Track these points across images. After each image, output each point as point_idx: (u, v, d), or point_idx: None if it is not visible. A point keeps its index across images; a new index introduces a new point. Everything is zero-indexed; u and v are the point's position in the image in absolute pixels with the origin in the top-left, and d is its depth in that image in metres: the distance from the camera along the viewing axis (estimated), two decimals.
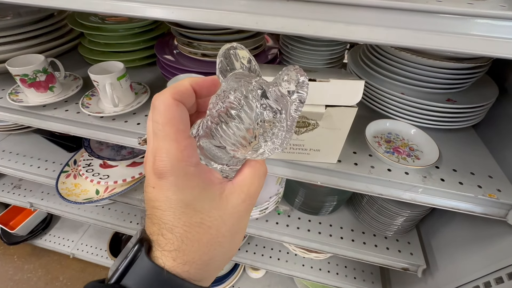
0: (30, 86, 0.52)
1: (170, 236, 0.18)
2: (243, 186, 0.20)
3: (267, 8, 0.28)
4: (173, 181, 0.17)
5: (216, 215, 0.19)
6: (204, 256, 0.18)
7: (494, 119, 0.52)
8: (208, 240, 0.18)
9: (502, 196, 0.41)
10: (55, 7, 0.33)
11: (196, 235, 0.18)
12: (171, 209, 0.18)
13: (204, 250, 0.18)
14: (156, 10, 0.31)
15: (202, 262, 0.18)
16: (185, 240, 0.18)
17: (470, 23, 0.25)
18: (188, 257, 0.18)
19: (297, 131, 0.40)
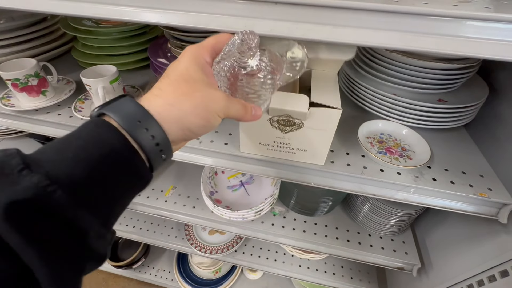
0: (22, 90, 0.52)
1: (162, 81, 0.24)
2: (224, 94, 0.25)
3: (256, 11, 0.28)
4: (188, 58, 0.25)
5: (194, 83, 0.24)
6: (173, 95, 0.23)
7: (485, 119, 0.52)
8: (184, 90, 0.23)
9: (493, 195, 0.41)
10: (47, 11, 0.33)
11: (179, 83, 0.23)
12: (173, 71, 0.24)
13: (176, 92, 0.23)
14: (146, 14, 0.31)
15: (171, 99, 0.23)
16: (168, 83, 0.23)
17: (456, 25, 0.26)
18: (165, 90, 0.23)
19: (283, 129, 0.40)
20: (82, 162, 0.18)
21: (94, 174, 0.18)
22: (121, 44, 0.66)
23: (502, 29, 0.25)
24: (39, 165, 0.17)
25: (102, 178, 0.19)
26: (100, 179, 0.19)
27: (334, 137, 0.50)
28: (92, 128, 0.20)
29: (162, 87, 0.23)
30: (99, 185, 0.19)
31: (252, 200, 0.70)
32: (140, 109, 0.21)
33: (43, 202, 0.16)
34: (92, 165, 0.18)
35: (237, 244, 0.89)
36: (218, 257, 0.86)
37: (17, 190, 0.15)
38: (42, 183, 0.16)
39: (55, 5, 0.32)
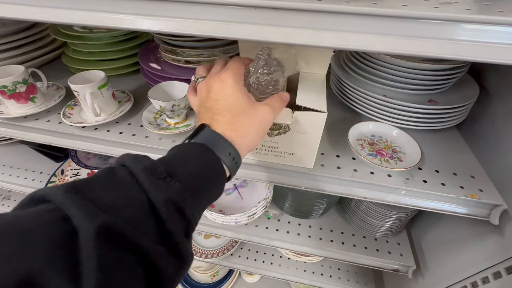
0: (10, 97, 0.51)
1: (225, 114, 0.30)
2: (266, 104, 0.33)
3: (236, 16, 0.28)
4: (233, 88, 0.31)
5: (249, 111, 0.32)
6: (242, 130, 0.31)
7: (477, 119, 0.52)
8: (246, 122, 0.31)
9: (484, 196, 0.41)
10: (40, 20, 0.33)
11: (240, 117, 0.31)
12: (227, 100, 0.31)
13: (243, 126, 0.31)
14: (126, 19, 0.31)
15: (242, 133, 0.31)
16: (234, 118, 0.30)
17: (436, 27, 0.25)
18: (235, 126, 0.30)
19: (270, 133, 0.40)
20: (198, 177, 0.27)
21: (204, 186, 0.27)
22: (111, 49, 0.66)
23: (483, 31, 0.25)
24: (175, 175, 0.24)
25: (207, 190, 0.28)
26: (206, 190, 0.28)
27: (324, 140, 0.50)
28: (201, 152, 0.28)
29: (234, 122, 0.30)
30: (205, 194, 0.28)
31: (245, 204, 0.69)
32: (227, 144, 0.30)
33: (182, 203, 0.23)
34: (203, 180, 0.27)
35: (232, 247, 0.88)
36: (214, 261, 0.86)
37: (171, 193, 0.23)
38: (181, 190, 0.24)
39: (48, 13, 0.32)
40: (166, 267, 0.21)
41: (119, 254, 0.18)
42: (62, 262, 0.16)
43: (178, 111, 0.49)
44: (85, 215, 0.18)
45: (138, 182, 0.23)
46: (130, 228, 0.19)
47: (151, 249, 0.20)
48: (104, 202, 0.20)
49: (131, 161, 0.24)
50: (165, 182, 0.23)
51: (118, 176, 0.23)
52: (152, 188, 0.22)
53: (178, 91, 0.51)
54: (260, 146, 0.43)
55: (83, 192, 0.20)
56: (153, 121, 0.52)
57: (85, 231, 0.17)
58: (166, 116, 0.51)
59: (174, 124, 0.51)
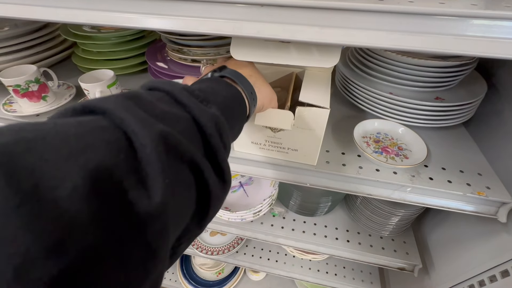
0: (23, 96, 0.53)
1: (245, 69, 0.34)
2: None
3: (242, 14, 0.28)
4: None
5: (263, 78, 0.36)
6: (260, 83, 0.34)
7: (484, 116, 0.52)
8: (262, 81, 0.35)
9: (492, 194, 0.41)
10: (52, 20, 0.34)
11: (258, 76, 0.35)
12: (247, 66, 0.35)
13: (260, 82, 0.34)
14: (136, 19, 0.32)
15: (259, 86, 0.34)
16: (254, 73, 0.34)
17: (442, 22, 0.25)
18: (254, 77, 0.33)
19: (273, 128, 0.40)
20: (228, 107, 0.28)
21: (233, 117, 0.28)
22: (120, 49, 0.67)
23: (489, 26, 0.25)
24: (209, 101, 0.25)
25: (235, 122, 0.30)
26: (234, 122, 0.29)
27: (329, 137, 0.51)
28: (228, 85, 0.30)
29: (253, 74, 0.34)
30: (233, 126, 0.29)
31: (251, 201, 0.70)
32: (249, 84, 0.32)
33: (221, 126, 0.24)
34: (232, 111, 0.28)
35: (238, 245, 0.89)
36: (219, 258, 0.87)
37: (211, 114, 0.23)
38: (216, 112, 0.24)
39: (61, 13, 0.33)
40: (214, 185, 0.21)
41: (177, 163, 0.18)
42: (126, 165, 0.15)
43: None
44: (142, 122, 0.17)
45: (178, 101, 0.22)
46: (184, 140, 0.19)
47: (202, 163, 0.20)
48: (156, 113, 0.19)
49: (164, 84, 0.23)
50: (204, 105, 0.24)
51: (156, 96, 0.22)
52: (195, 107, 0.22)
53: None
54: (263, 142, 0.43)
55: (135, 100, 0.19)
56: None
57: (144, 137, 0.16)
58: None
59: None
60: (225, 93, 0.29)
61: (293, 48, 0.34)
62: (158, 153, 0.16)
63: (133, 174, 0.15)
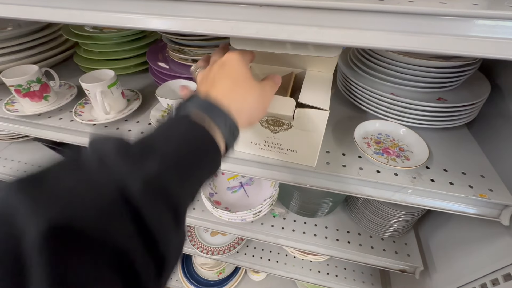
0: (25, 96, 0.53)
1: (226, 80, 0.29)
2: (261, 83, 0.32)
3: (241, 14, 0.28)
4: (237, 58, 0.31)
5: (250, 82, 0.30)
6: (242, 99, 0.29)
7: (488, 117, 0.51)
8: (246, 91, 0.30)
9: (494, 196, 0.40)
10: (53, 20, 0.34)
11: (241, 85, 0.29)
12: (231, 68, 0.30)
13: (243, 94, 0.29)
14: (136, 19, 0.31)
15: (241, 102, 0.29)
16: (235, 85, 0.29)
17: (443, 23, 0.25)
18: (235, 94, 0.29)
19: (272, 129, 0.40)
20: (185, 150, 0.23)
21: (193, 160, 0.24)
22: (121, 49, 0.67)
23: (492, 26, 0.24)
24: (154, 150, 0.21)
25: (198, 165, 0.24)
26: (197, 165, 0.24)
27: (330, 138, 0.50)
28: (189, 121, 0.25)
29: (235, 89, 0.29)
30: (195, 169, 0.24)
31: (251, 202, 0.70)
32: (222, 111, 0.27)
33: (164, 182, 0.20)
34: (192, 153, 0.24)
35: (238, 245, 0.89)
36: (220, 258, 0.87)
37: (148, 171, 0.19)
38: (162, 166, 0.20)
39: (61, 14, 0.33)
40: (144, 266, 0.17)
41: (77, 257, 0.14)
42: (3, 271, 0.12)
43: None
44: (32, 210, 0.14)
45: (104, 162, 0.19)
46: (93, 222, 0.15)
47: (121, 246, 0.16)
48: (59, 190, 0.16)
49: (100, 139, 0.21)
50: (141, 159, 0.20)
51: (83, 157, 0.19)
52: (125, 167, 0.18)
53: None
54: (263, 142, 0.43)
55: (33, 182, 0.16)
56: (160, 119, 0.53)
57: (32, 231, 0.13)
58: None
59: None
60: (182, 139, 0.24)
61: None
62: (45, 250, 0.13)
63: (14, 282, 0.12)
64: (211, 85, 0.29)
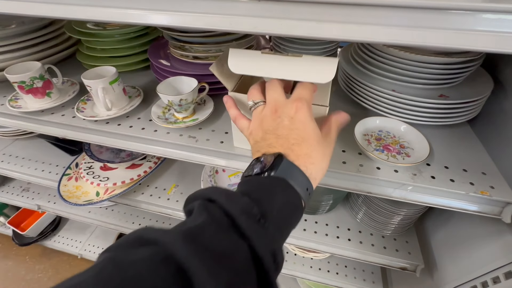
0: (28, 92, 0.54)
1: (303, 145, 0.29)
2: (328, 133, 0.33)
3: (239, 9, 0.28)
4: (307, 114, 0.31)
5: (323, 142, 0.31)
6: (319, 162, 0.30)
7: (490, 114, 0.50)
8: (321, 154, 0.31)
9: (496, 193, 0.40)
10: (58, 17, 0.34)
11: (317, 150, 0.30)
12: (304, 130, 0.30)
13: (319, 158, 0.30)
14: (136, 14, 0.32)
15: (318, 166, 0.30)
16: (312, 150, 0.30)
17: (443, 16, 0.25)
18: (313, 159, 0.29)
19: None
20: (284, 216, 0.26)
21: (288, 224, 0.27)
22: (123, 46, 0.67)
23: (494, 20, 0.24)
24: (266, 217, 0.24)
25: (290, 228, 0.28)
26: (290, 228, 0.28)
27: None
28: (284, 188, 0.27)
29: (312, 154, 0.30)
30: (288, 232, 0.27)
31: None
32: (306, 179, 0.29)
33: (277, 250, 0.23)
34: (288, 219, 0.27)
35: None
36: None
37: (269, 239, 0.23)
38: (276, 234, 0.24)
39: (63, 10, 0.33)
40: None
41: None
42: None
43: (185, 106, 0.50)
44: (208, 270, 0.17)
45: (237, 225, 0.22)
46: (239, 282, 0.19)
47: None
48: (217, 251, 0.19)
49: (224, 200, 0.24)
50: (262, 227, 0.23)
51: (217, 219, 0.22)
52: (254, 233, 0.22)
53: (186, 86, 0.52)
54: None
55: (197, 240, 0.19)
56: (161, 115, 0.53)
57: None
58: (174, 111, 0.53)
59: (182, 118, 0.52)
60: (281, 198, 0.26)
61: (289, 62, 0.34)
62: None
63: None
64: (288, 148, 0.29)
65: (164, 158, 0.81)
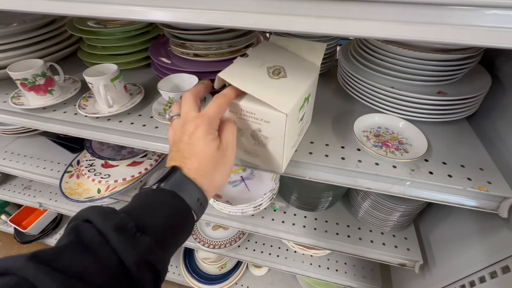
0: (30, 89, 0.55)
1: (194, 160, 0.31)
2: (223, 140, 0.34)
3: (239, 5, 0.29)
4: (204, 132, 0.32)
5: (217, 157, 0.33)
6: (210, 175, 0.32)
7: (489, 111, 0.51)
8: (213, 167, 0.32)
9: (493, 189, 0.40)
10: (59, 13, 0.35)
11: (208, 163, 0.32)
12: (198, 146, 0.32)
13: (211, 171, 0.32)
14: (138, 11, 0.32)
15: (210, 178, 0.32)
16: (202, 164, 0.31)
17: (438, 11, 0.25)
18: (203, 172, 0.31)
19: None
20: (168, 227, 0.28)
21: (174, 234, 0.29)
22: (124, 44, 0.68)
23: (491, 15, 0.24)
24: (145, 229, 0.26)
25: (177, 238, 0.30)
26: (176, 238, 0.29)
27: (329, 131, 0.51)
28: (171, 200, 0.29)
29: (202, 168, 0.32)
30: (175, 242, 0.29)
31: (252, 195, 0.70)
32: (197, 189, 0.31)
33: (152, 259, 0.25)
34: (173, 229, 0.28)
35: (240, 239, 0.90)
36: (221, 252, 0.88)
37: (141, 250, 0.24)
38: (151, 245, 0.25)
39: (66, 6, 0.34)
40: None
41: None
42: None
43: None
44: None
45: (108, 242, 0.23)
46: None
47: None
48: (75, 270, 0.21)
49: (98, 218, 0.25)
50: (135, 239, 0.24)
51: (87, 238, 0.24)
52: (123, 247, 0.23)
53: (186, 83, 0.53)
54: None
55: (52, 261, 0.20)
56: (162, 112, 0.54)
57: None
58: None
59: None
60: (167, 210, 0.28)
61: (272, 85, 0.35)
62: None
63: None
64: (181, 161, 0.32)
65: (165, 155, 0.82)
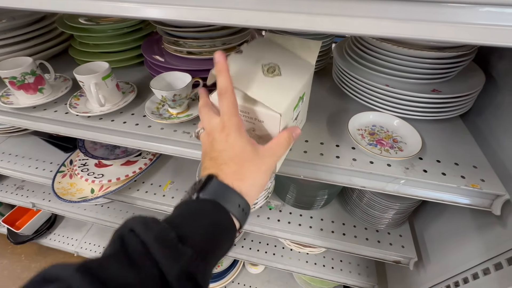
0: (19, 88, 0.53)
1: (231, 164, 0.30)
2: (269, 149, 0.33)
3: (231, 2, 0.28)
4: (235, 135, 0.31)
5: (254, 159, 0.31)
6: (250, 178, 0.30)
7: (482, 108, 0.51)
8: (252, 170, 0.31)
9: (486, 186, 0.40)
10: (46, 10, 0.33)
11: (246, 166, 0.30)
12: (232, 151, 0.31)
13: (250, 174, 0.30)
14: (129, 8, 0.31)
15: (249, 181, 0.30)
16: (240, 167, 0.30)
17: (434, 9, 0.25)
18: (242, 175, 0.30)
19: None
20: (210, 237, 0.27)
21: (216, 245, 0.27)
22: (116, 41, 0.67)
23: (486, 12, 0.24)
24: (186, 240, 0.25)
25: (219, 249, 0.28)
26: (218, 249, 0.28)
27: (324, 130, 0.50)
28: (211, 209, 0.28)
29: (241, 171, 0.30)
30: (217, 254, 0.28)
31: None
32: (236, 195, 0.29)
33: (194, 272, 0.24)
34: (215, 240, 0.27)
35: (236, 238, 0.90)
36: None
37: (183, 263, 0.23)
38: (193, 256, 0.24)
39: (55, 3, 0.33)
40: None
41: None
42: None
43: (179, 101, 0.50)
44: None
45: (150, 253, 0.23)
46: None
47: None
48: (118, 283, 0.20)
49: (141, 228, 0.24)
50: (177, 250, 0.24)
51: (130, 249, 0.23)
52: (165, 260, 0.23)
53: (179, 81, 0.52)
54: None
55: (97, 273, 0.21)
56: (155, 111, 0.53)
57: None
58: (168, 106, 0.52)
59: (176, 114, 0.52)
60: (207, 220, 0.27)
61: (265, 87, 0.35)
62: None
63: None
64: (217, 168, 0.30)
65: (159, 154, 0.81)
